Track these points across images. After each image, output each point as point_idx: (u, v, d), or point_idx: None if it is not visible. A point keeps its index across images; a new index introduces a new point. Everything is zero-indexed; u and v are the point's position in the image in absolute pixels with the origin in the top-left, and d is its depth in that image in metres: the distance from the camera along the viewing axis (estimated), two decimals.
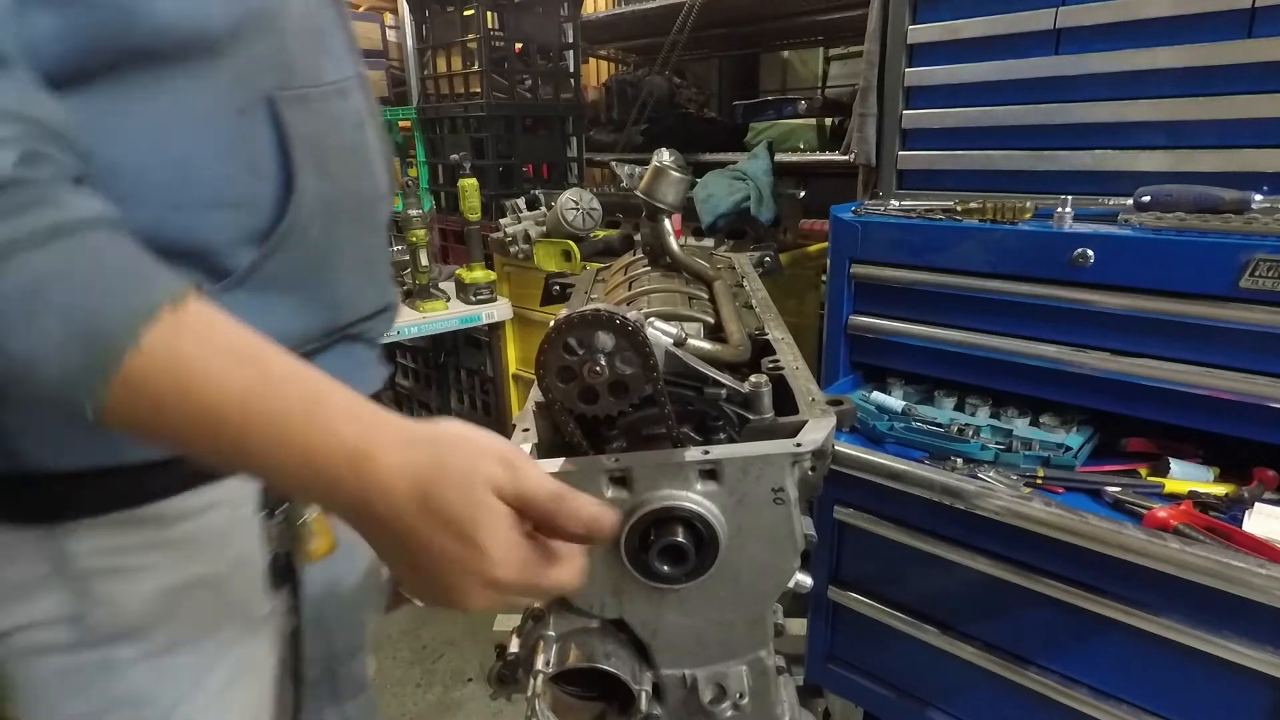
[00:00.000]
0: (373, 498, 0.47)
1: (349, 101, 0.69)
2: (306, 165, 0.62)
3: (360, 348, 0.77)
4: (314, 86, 0.65)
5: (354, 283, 0.72)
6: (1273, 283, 0.94)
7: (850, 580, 1.37)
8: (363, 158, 0.71)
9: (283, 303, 0.64)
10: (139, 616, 0.64)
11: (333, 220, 0.66)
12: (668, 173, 1.01)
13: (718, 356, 0.69)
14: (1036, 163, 1.29)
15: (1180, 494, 1.05)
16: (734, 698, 0.64)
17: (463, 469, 0.48)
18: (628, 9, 2.74)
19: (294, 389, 0.48)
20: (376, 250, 0.76)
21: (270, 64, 0.60)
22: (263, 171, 0.61)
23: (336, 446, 0.47)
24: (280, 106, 0.61)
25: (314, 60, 0.65)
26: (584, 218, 2.05)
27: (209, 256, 0.59)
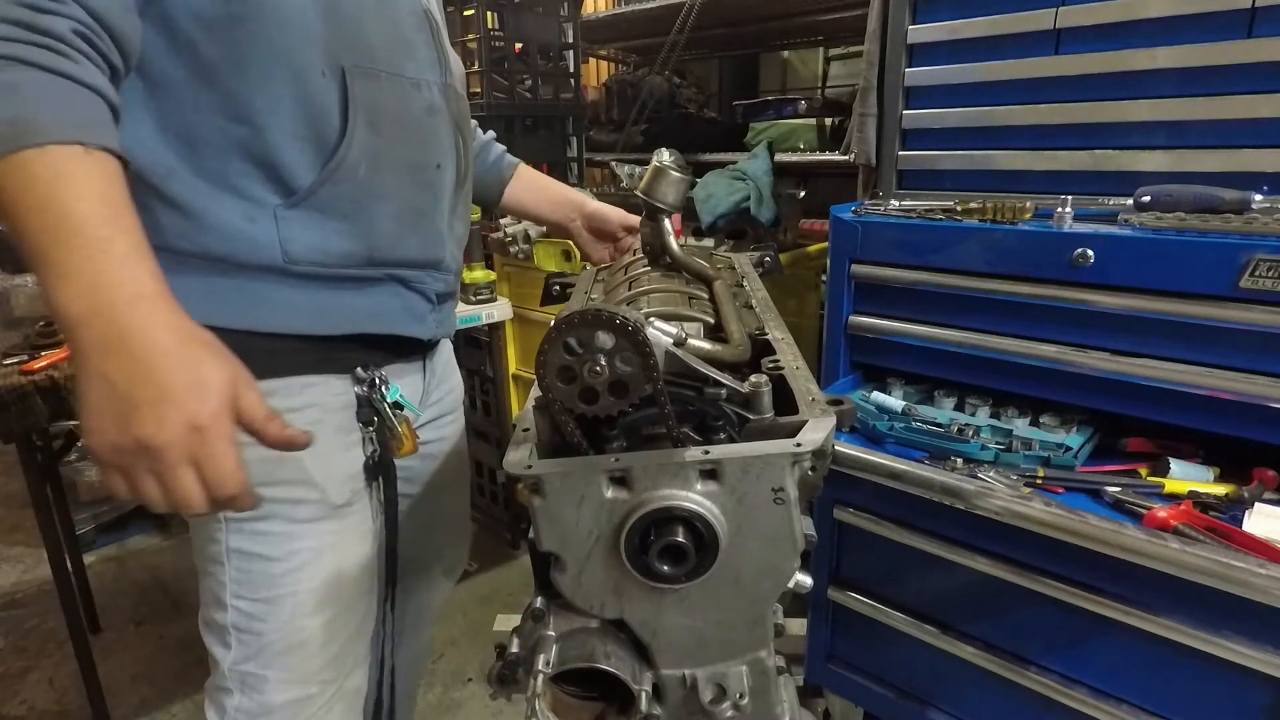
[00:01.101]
0: (135, 327, 0.60)
1: (423, 94, 0.90)
2: (359, 121, 0.82)
3: (413, 295, 0.94)
4: (389, 72, 0.85)
5: (395, 227, 0.88)
6: (1273, 283, 0.94)
7: (850, 580, 1.37)
8: (423, 134, 0.91)
9: (331, 224, 0.83)
10: None
11: (378, 169, 0.85)
12: (668, 173, 1.01)
13: (718, 356, 0.69)
14: (1036, 163, 1.29)
15: (1180, 494, 1.05)
16: (734, 698, 0.64)
17: (217, 353, 0.65)
18: (628, 9, 2.74)
19: (126, 240, 0.62)
20: (426, 208, 0.93)
21: (351, 48, 0.81)
22: (329, 119, 0.81)
23: (134, 284, 0.61)
24: (350, 76, 0.81)
25: (397, 57, 0.86)
26: None
27: (286, 172, 0.80)
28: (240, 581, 0.86)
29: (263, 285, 0.82)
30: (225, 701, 0.89)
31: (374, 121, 0.83)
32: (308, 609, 0.89)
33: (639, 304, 0.86)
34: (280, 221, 0.80)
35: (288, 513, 0.87)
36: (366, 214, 0.85)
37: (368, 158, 0.83)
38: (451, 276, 1.01)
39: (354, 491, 0.92)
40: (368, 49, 0.83)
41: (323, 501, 0.88)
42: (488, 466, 2.65)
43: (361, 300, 0.89)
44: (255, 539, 0.86)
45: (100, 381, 0.60)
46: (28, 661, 2.11)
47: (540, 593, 0.64)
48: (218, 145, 0.77)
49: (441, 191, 0.95)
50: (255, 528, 0.86)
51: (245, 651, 0.88)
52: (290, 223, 0.81)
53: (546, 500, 0.58)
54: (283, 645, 0.88)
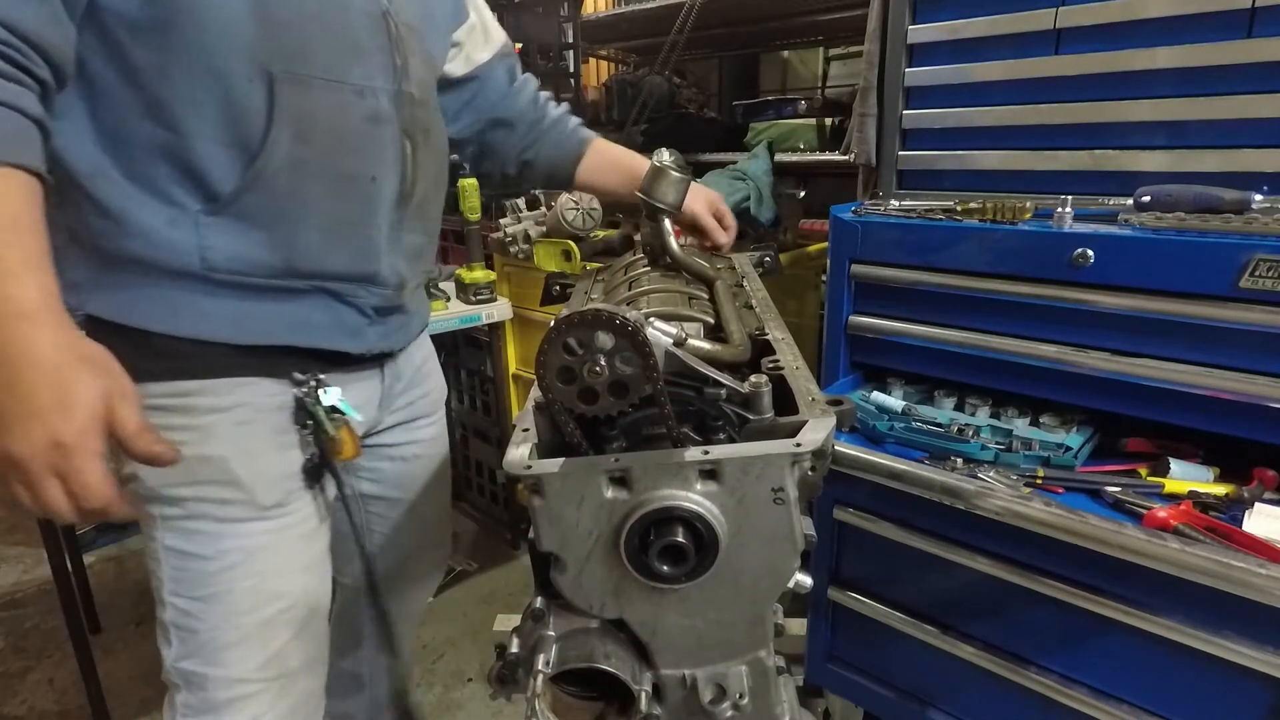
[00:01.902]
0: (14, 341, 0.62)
1: (366, 101, 0.87)
2: (283, 129, 0.81)
3: (345, 309, 0.92)
4: (326, 79, 0.83)
5: (319, 239, 0.87)
6: (1273, 283, 0.94)
7: (850, 580, 1.37)
8: (360, 144, 0.88)
9: (253, 234, 0.83)
10: (166, 482, 0.84)
11: (301, 178, 0.84)
12: (668, 173, 1.01)
13: (718, 356, 0.69)
14: (1036, 163, 1.29)
15: (1180, 494, 1.05)
16: (734, 698, 0.64)
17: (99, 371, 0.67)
18: (628, 9, 2.74)
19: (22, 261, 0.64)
20: (357, 220, 0.90)
21: (283, 54, 0.80)
22: (253, 126, 0.80)
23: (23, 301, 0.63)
24: (278, 83, 0.79)
25: (339, 62, 0.84)
26: (584, 218, 2.05)
27: (208, 178, 0.80)
28: (176, 579, 0.88)
29: (181, 292, 0.82)
30: (175, 697, 0.91)
31: (301, 130, 0.82)
32: (243, 608, 0.89)
33: (639, 304, 0.86)
34: (201, 228, 0.81)
35: (214, 512, 0.87)
36: (287, 224, 0.84)
37: (289, 167, 0.82)
38: (391, 290, 0.96)
39: (287, 493, 0.92)
40: (302, 55, 0.81)
41: (250, 502, 0.88)
42: (488, 466, 2.65)
43: (285, 310, 0.88)
44: (187, 538, 0.87)
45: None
46: (28, 661, 2.11)
47: (540, 593, 0.64)
48: (146, 148, 0.78)
49: (377, 204, 0.91)
50: (185, 526, 0.87)
51: (184, 649, 0.89)
52: (211, 229, 0.81)
53: (546, 500, 0.58)
54: (220, 643, 0.89)
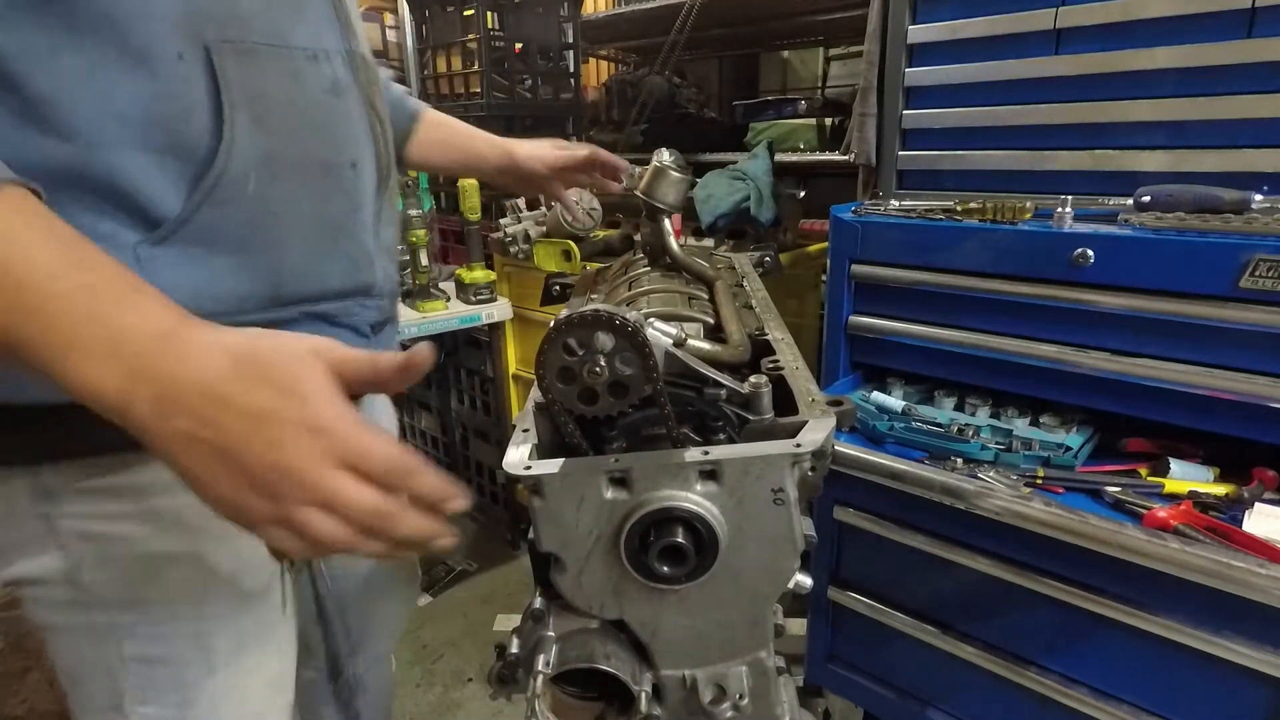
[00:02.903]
0: (184, 368, 0.46)
1: (322, 68, 0.70)
2: (239, 116, 0.62)
3: (339, 331, 0.75)
4: (271, 45, 0.65)
5: (306, 250, 0.70)
6: (1273, 283, 0.94)
7: (850, 580, 1.37)
8: (329, 123, 0.71)
9: (218, 261, 0.64)
10: (131, 585, 0.69)
11: (273, 177, 0.66)
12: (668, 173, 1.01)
13: (718, 357, 0.69)
14: (1036, 163, 1.29)
15: (1180, 494, 1.05)
16: (734, 698, 0.64)
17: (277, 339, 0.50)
18: (628, 9, 2.74)
19: (109, 270, 0.48)
20: (343, 220, 0.74)
21: (214, 16, 0.61)
22: (195, 118, 0.60)
23: (151, 322, 0.47)
24: (217, 55, 0.61)
25: (280, 22, 0.66)
26: (584, 218, 2.05)
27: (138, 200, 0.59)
28: (144, 688, 0.73)
29: None
30: None
31: (260, 114, 0.64)
32: (232, 703, 0.77)
33: (639, 304, 0.86)
34: (144, 264, 0.60)
35: (191, 612, 0.73)
36: (266, 240, 0.66)
37: (257, 165, 0.64)
38: (387, 301, 0.82)
39: (272, 574, 0.78)
40: (237, 15, 0.63)
41: (234, 592, 0.74)
42: (488, 466, 2.65)
43: None
44: (156, 643, 0.72)
45: (185, 446, 0.47)
46: (28, 661, 2.11)
47: (540, 593, 0.64)
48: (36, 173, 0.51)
49: (361, 196, 0.75)
50: (154, 632, 0.72)
51: None
52: (160, 264, 0.61)
53: (546, 501, 0.58)
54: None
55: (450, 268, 2.50)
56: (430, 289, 2.18)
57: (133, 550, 0.68)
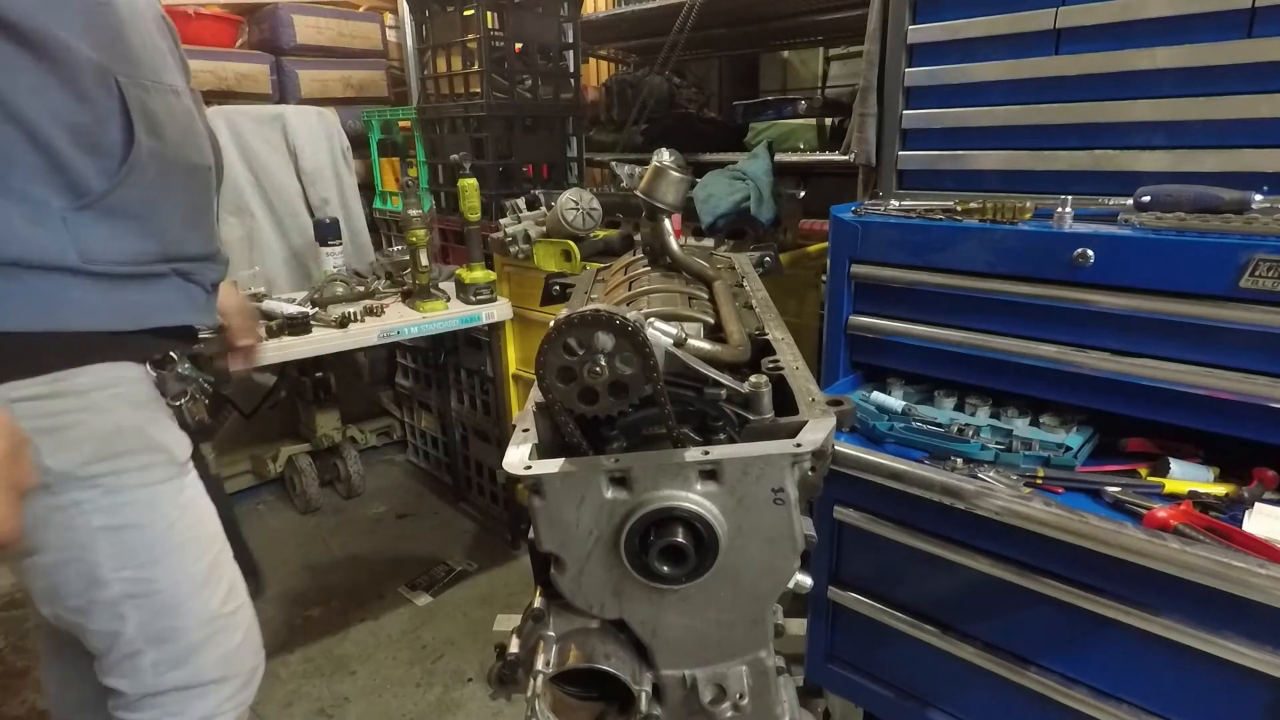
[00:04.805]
0: None
1: (181, 100, 0.96)
2: (142, 128, 0.87)
3: (193, 287, 0.99)
4: (153, 82, 0.91)
5: (181, 224, 0.95)
6: (1273, 283, 0.94)
7: (850, 580, 1.37)
8: (192, 137, 0.97)
9: (125, 225, 0.87)
10: (86, 464, 0.87)
11: (165, 172, 0.90)
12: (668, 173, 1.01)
13: (718, 357, 0.69)
14: (1036, 163, 1.29)
15: (1180, 494, 1.05)
16: (734, 698, 0.64)
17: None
18: (628, 9, 2.74)
19: None
20: (203, 206, 1.00)
21: (120, 60, 0.86)
22: (110, 128, 0.85)
23: None
24: (125, 87, 0.85)
25: (156, 66, 0.92)
26: (584, 218, 2.05)
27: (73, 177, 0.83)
28: (116, 555, 0.90)
29: (57, 286, 0.83)
30: (138, 663, 0.93)
31: (153, 127, 0.88)
32: (192, 556, 0.96)
33: (639, 304, 0.86)
34: (69, 224, 0.82)
35: (140, 479, 0.91)
36: (157, 213, 0.90)
37: (155, 161, 0.88)
38: (223, 267, 1.06)
39: (187, 450, 0.99)
40: (134, 59, 0.87)
41: (171, 461, 0.94)
42: (488, 466, 2.65)
43: (150, 295, 0.92)
44: (116, 512, 0.90)
45: None
46: (28, 661, 2.11)
47: (540, 593, 0.64)
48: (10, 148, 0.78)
49: (212, 190, 1.02)
50: (111, 501, 0.89)
51: (145, 615, 0.92)
52: (80, 225, 0.83)
53: (546, 500, 0.58)
54: (182, 594, 0.95)
55: (450, 268, 2.50)
56: (430, 289, 2.18)
57: (82, 434, 0.86)
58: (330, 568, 2.51)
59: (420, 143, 2.78)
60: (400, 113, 2.90)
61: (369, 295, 2.23)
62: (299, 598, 2.32)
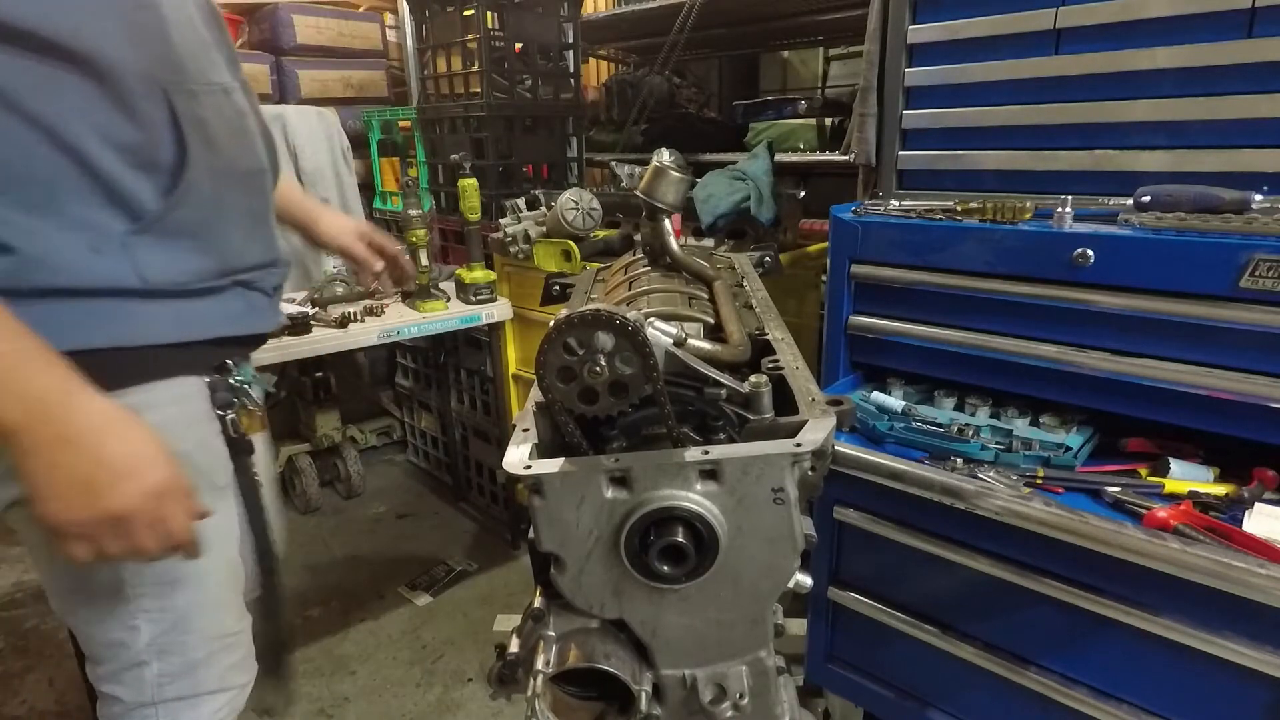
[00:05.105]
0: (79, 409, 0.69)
1: (231, 98, 0.91)
2: (195, 140, 0.83)
3: (255, 295, 0.98)
4: (202, 85, 0.86)
5: (241, 236, 0.92)
6: (1273, 283, 0.94)
7: (850, 580, 1.37)
8: (245, 139, 0.94)
9: (184, 244, 0.85)
10: None
11: (221, 185, 0.88)
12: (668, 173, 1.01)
13: (718, 356, 0.69)
14: (1036, 163, 1.29)
15: (1180, 494, 1.05)
16: (734, 698, 0.64)
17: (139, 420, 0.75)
18: (628, 9, 2.74)
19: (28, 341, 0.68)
20: (261, 212, 0.98)
21: (165, 66, 0.81)
22: (162, 143, 0.81)
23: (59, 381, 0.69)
24: (172, 96, 0.81)
25: (203, 65, 0.87)
26: (584, 218, 2.05)
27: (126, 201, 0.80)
28: (142, 571, 0.90)
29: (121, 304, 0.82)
30: (141, 674, 0.94)
31: (205, 137, 0.85)
32: (215, 579, 0.97)
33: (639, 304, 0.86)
34: (129, 249, 0.80)
35: None
36: (216, 229, 0.89)
37: (209, 175, 0.86)
38: (283, 269, 1.05)
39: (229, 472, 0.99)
40: (180, 63, 0.82)
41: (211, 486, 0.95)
42: (488, 466, 2.65)
43: (211, 307, 0.91)
44: None
45: (57, 470, 0.68)
46: (28, 661, 2.11)
47: (540, 593, 0.64)
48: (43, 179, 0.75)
49: (269, 194, 1.00)
50: None
51: (158, 628, 0.93)
52: (139, 248, 0.81)
53: (546, 500, 0.58)
54: (197, 610, 0.96)
55: (450, 268, 2.50)
56: (430, 289, 2.18)
57: None
58: (330, 568, 2.51)
59: (420, 143, 2.78)
60: (400, 113, 2.90)
61: (369, 295, 2.23)
62: (299, 598, 2.32)
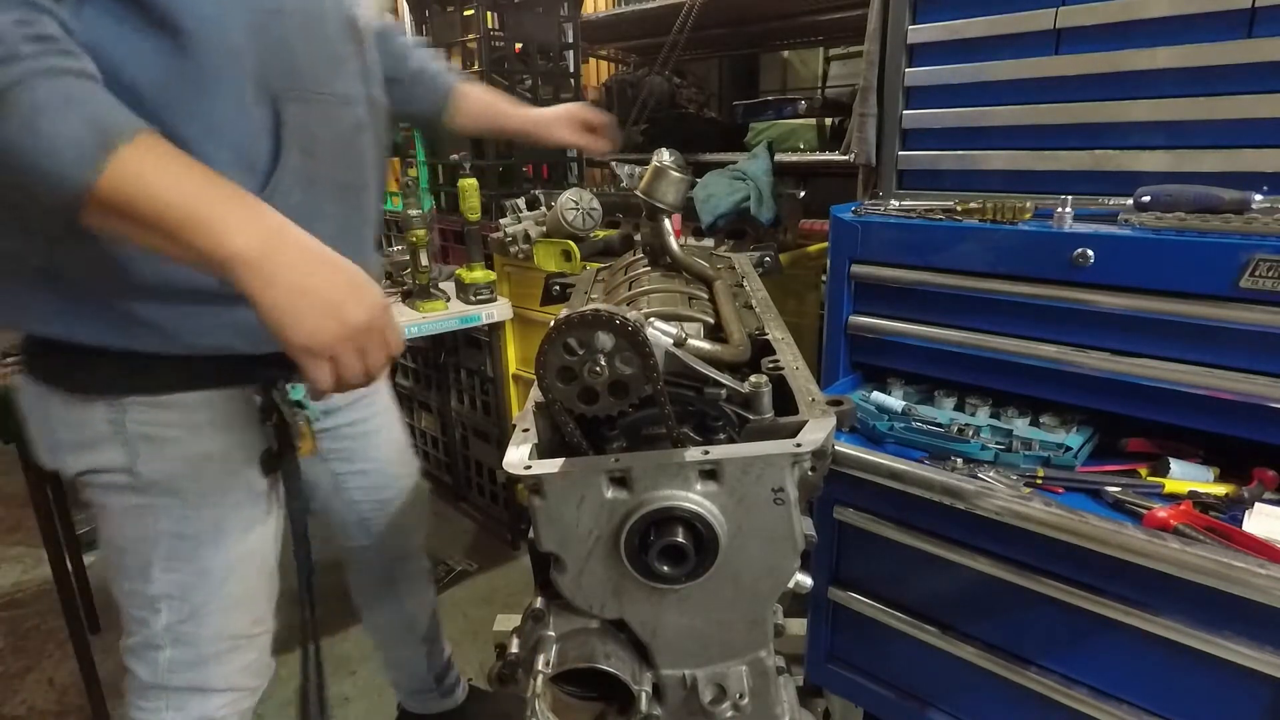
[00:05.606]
0: (309, 243, 0.72)
1: (350, 109, 0.94)
2: (292, 146, 0.85)
3: None
4: (318, 93, 0.89)
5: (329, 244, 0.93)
6: (1273, 283, 0.94)
7: (850, 580, 1.37)
8: (351, 154, 0.95)
9: None
10: (173, 477, 0.93)
11: (311, 193, 0.89)
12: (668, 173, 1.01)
13: (718, 356, 0.69)
14: (1036, 163, 1.29)
15: (1180, 494, 1.05)
16: (734, 698, 0.64)
17: None
18: (628, 9, 2.74)
19: (235, 189, 0.71)
20: (353, 226, 1.00)
21: (281, 72, 0.84)
22: (260, 145, 0.84)
23: (277, 217, 0.72)
24: (281, 102, 0.84)
25: (325, 75, 0.90)
26: (584, 218, 2.05)
27: None
28: (170, 556, 0.96)
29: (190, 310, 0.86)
30: (157, 657, 0.99)
31: (307, 145, 0.87)
32: (235, 577, 1.01)
33: (639, 304, 0.86)
34: None
35: (217, 500, 0.97)
36: None
37: (301, 182, 0.87)
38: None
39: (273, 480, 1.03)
40: (296, 70, 0.86)
41: (249, 489, 0.99)
42: (488, 466, 2.65)
43: None
44: (185, 522, 0.96)
45: (304, 296, 0.70)
46: (28, 661, 2.11)
47: (540, 593, 0.64)
48: None
49: (368, 210, 1.02)
50: (185, 514, 0.95)
51: (175, 616, 0.98)
52: None
53: (546, 500, 0.58)
54: (213, 608, 1.00)
55: (450, 268, 2.50)
56: (430, 289, 2.18)
57: (178, 451, 0.92)
58: (330, 568, 2.50)
59: (420, 143, 2.78)
60: None
61: None
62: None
